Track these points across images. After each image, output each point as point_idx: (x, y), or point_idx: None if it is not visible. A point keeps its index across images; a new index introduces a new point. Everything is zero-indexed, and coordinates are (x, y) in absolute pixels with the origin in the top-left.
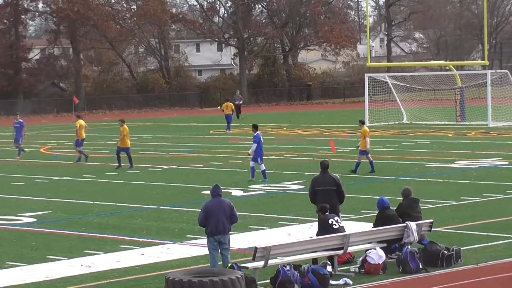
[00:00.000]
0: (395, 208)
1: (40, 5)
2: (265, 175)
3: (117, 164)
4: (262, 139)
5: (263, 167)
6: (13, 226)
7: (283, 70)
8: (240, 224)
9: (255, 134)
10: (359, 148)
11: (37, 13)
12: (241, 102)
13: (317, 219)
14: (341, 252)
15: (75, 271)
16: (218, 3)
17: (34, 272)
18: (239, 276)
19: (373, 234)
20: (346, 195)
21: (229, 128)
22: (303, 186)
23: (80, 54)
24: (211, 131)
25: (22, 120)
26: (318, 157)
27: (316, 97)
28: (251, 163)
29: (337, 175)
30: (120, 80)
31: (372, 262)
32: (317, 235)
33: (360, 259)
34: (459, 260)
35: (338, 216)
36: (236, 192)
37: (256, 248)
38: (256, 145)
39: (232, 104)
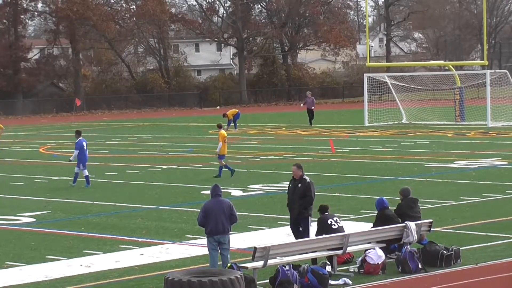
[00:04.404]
0: (395, 208)
1: (40, 5)
2: (88, 181)
3: None
4: (85, 144)
5: (86, 172)
6: (12, 226)
7: (283, 70)
8: (240, 224)
9: (77, 140)
10: (219, 152)
11: (36, 13)
12: (313, 106)
13: (316, 219)
14: (340, 252)
15: (75, 271)
16: (218, 3)
17: (33, 272)
18: (239, 276)
19: (372, 234)
20: (346, 195)
21: (236, 126)
22: None
23: (79, 54)
24: (210, 131)
25: None
26: (317, 157)
27: (315, 97)
28: (76, 169)
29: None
30: (119, 80)
31: (371, 262)
32: (316, 235)
33: (360, 259)
34: (458, 260)
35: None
36: (236, 192)
37: (255, 248)
38: (77, 151)
39: (234, 110)
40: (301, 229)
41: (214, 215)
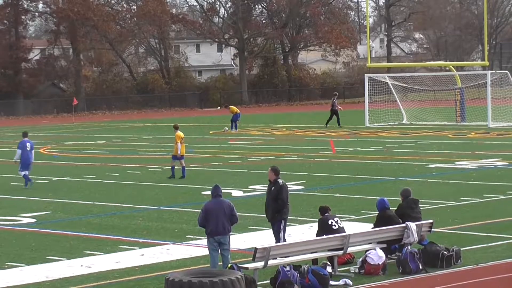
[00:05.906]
0: (395, 209)
1: (40, 5)
2: (27, 182)
3: None
4: (29, 146)
5: (26, 172)
6: (13, 227)
7: (283, 70)
8: (240, 225)
9: (21, 140)
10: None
11: (37, 14)
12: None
13: (317, 219)
14: (341, 252)
15: (75, 272)
16: (218, 3)
17: (34, 273)
18: (239, 276)
19: (373, 234)
20: (346, 195)
21: (236, 127)
22: (303, 187)
23: (80, 55)
24: (211, 132)
25: None
26: (318, 157)
27: (315, 98)
28: (21, 173)
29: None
30: (120, 81)
31: (372, 263)
32: (317, 235)
33: (360, 259)
34: (459, 260)
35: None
36: (236, 193)
37: (256, 248)
38: (20, 151)
39: (234, 107)
40: (272, 231)
41: (214, 216)
